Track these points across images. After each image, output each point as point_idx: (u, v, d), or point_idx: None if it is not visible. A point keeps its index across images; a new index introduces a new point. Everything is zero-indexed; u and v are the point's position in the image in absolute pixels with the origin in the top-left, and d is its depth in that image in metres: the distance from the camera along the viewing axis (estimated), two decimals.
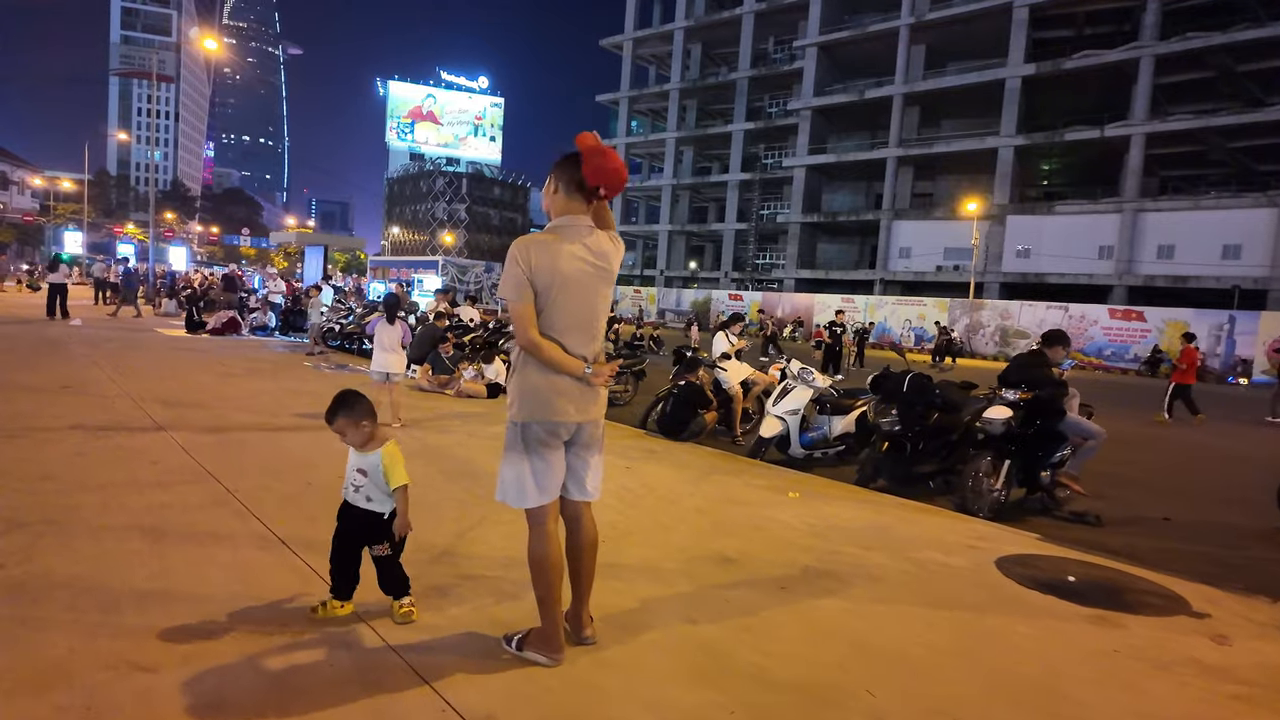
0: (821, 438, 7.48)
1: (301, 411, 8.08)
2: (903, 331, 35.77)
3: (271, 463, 5.74)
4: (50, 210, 73.65)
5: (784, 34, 55.61)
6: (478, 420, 8.40)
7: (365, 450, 3.18)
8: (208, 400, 8.41)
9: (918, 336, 34.61)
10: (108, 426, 6.59)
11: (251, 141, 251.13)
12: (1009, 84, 42.00)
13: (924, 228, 45.76)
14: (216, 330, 17.26)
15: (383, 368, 7.62)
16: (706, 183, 60.75)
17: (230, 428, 6.98)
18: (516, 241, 2.73)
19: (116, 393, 8.43)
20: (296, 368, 12.14)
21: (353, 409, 3.15)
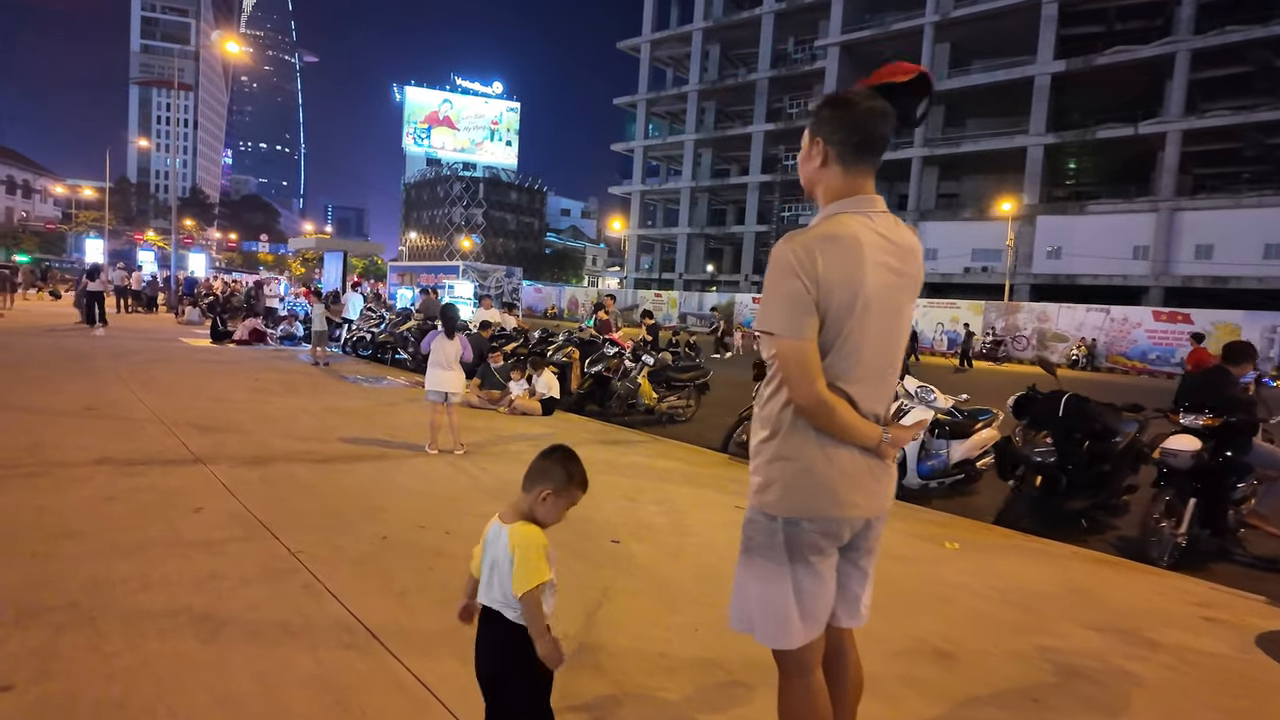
0: (941, 466, 6.52)
1: (350, 435, 7.19)
2: (935, 334, 34.65)
3: (332, 506, 4.83)
4: (72, 218, 73.50)
5: (804, 34, 54.56)
6: (546, 441, 7.41)
7: (507, 521, 2.10)
8: (245, 422, 7.53)
9: (950, 340, 33.48)
10: (139, 460, 5.71)
11: (269, 148, 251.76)
12: (1038, 81, 40.81)
13: (950, 229, 44.58)
14: (243, 340, 16.46)
15: (440, 386, 6.70)
16: (726, 185, 59.69)
17: (275, 457, 6.09)
18: (792, 239, 1.76)
19: (145, 415, 7.56)
20: (334, 382, 11.28)
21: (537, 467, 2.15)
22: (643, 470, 6.56)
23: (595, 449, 7.40)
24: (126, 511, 4.48)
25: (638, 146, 62.70)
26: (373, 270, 75.99)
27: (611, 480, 6.05)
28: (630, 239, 60.70)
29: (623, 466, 6.66)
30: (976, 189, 47.71)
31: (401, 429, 7.77)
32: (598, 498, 5.47)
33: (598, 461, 6.79)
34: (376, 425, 7.91)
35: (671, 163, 66.09)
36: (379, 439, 7.17)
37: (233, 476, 5.39)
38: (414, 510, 4.87)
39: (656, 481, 6.13)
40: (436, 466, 6.18)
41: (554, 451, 2.09)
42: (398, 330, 15.22)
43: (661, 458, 7.20)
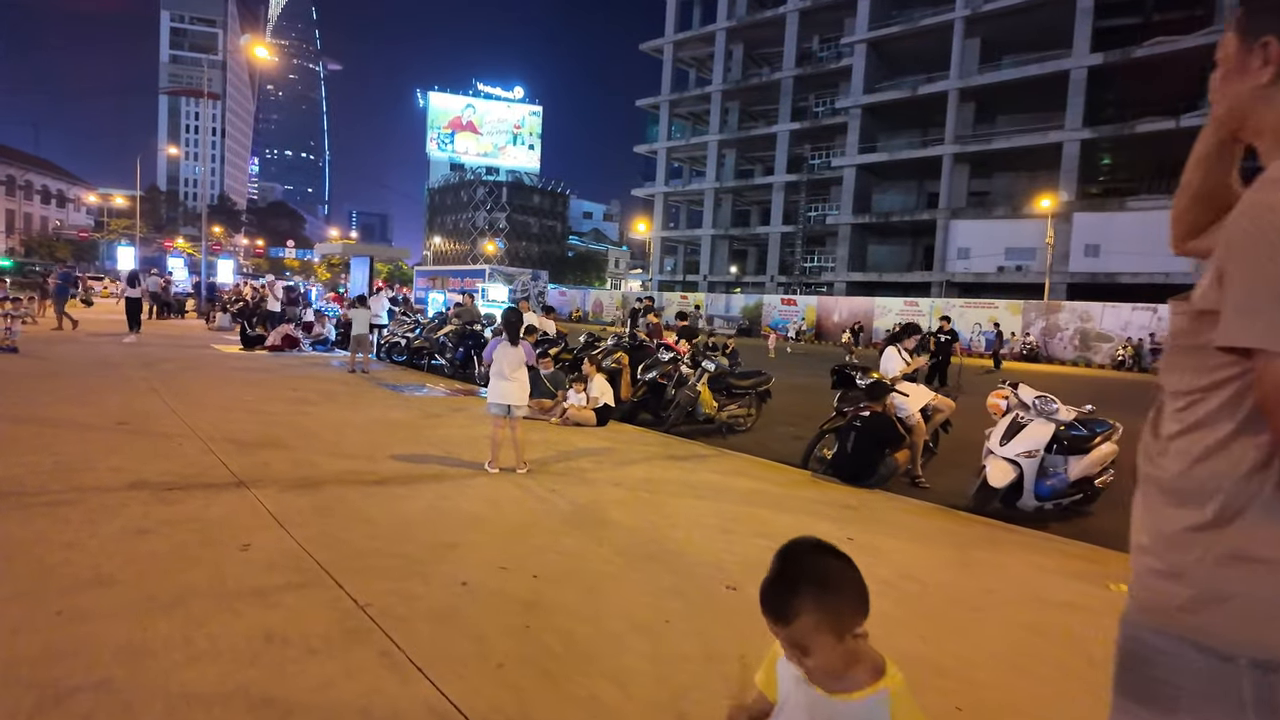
0: (1061, 486, 5.79)
1: (401, 452, 6.58)
2: (971, 335, 33.63)
3: (396, 542, 4.20)
4: (104, 226, 74.17)
5: (829, 32, 53.70)
6: (610, 460, 6.81)
7: (836, 689, 1.33)
8: (286, 438, 6.95)
9: (987, 341, 32.44)
10: (176, 483, 5.13)
11: (294, 156, 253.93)
12: (1074, 75, 39.66)
13: (983, 227, 43.46)
14: (275, 346, 16.00)
15: (503, 399, 6.06)
16: (750, 185, 58.88)
17: (324, 480, 5.48)
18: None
19: (180, 429, 7.01)
20: (374, 390, 10.71)
21: (836, 588, 1.34)
22: (723, 492, 5.89)
23: (662, 465, 6.74)
24: (164, 550, 3.88)
25: (661, 148, 62.09)
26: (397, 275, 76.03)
27: (694, 506, 5.38)
28: (654, 241, 60.04)
29: (699, 487, 5.99)
30: (1008, 186, 46.56)
31: (454, 443, 7.16)
32: (684, 527, 4.82)
33: (669, 481, 6.13)
34: (426, 439, 7.30)
35: (695, 164, 65.41)
36: (432, 456, 6.56)
37: (280, 504, 4.78)
38: (489, 546, 4.23)
39: (744, 505, 5.45)
40: (501, 489, 5.54)
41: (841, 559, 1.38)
42: (434, 335, 14.66)
43: (737, 475, 6.52)
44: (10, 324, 13.00)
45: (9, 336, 12.80)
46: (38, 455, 5.72)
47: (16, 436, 6.31)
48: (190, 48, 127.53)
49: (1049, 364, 30.39)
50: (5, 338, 12.75)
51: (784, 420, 10.41)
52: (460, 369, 13.60)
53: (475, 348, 13.38)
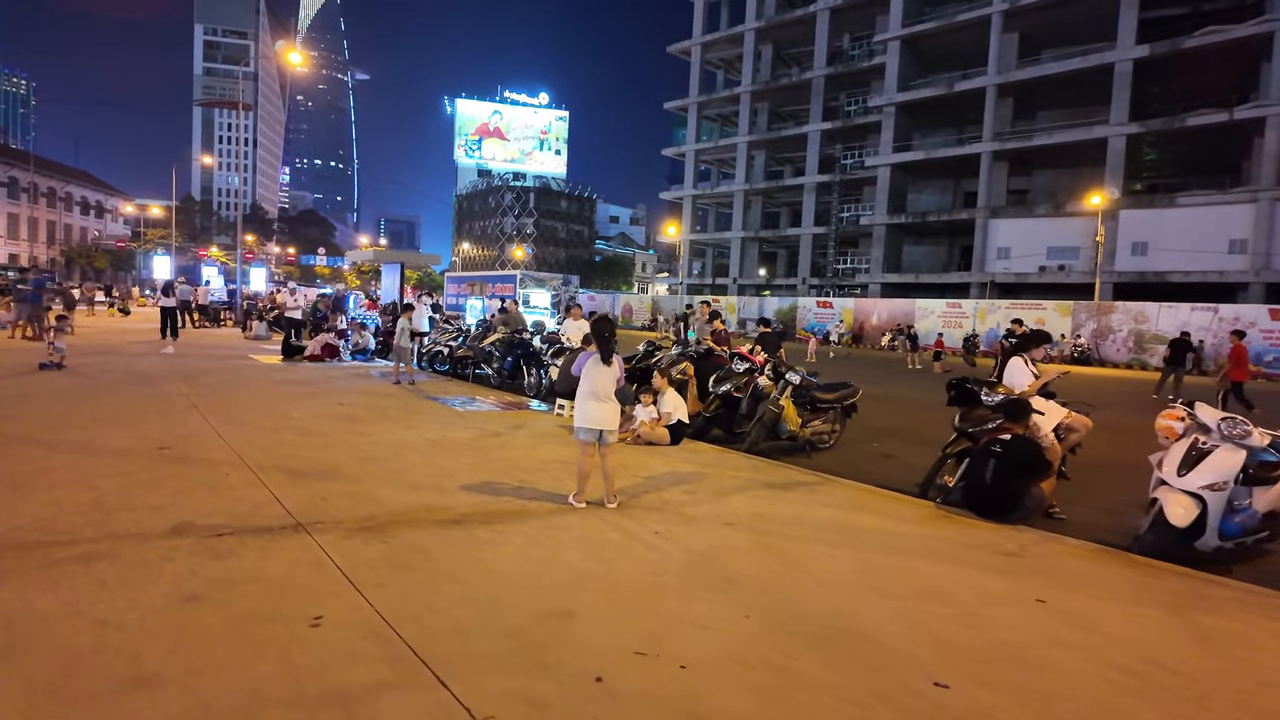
0: (1251, 522, 4.86)
1: (470, 481, 5.80)
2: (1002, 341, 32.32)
3: (498, 611, 3.39)
4: (141, 236, 74.85)
5: (860, 30, 52.56)
6: (703, 491, 5.97)
7: None
8: (342, 464, 6.22)
9: None
10: (225, 527, 4.39)
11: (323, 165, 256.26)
12: (1119, 68, 38.18)
13: (1024, 226, 42.04)
14: (315, 356, 15.38)
15: (594, 423, 5.24)
16: (780, 187, 57.78)
17: (392, 519, 4.72)
18: None
19: (225, 455, 6.30)
20: (424, 405, 9.98)
21: None
22: (851, 533, 5.03)
23: (764, 496, 5.89)
24: (218, 625, 3.12)
25: (689, 150, 61.24)
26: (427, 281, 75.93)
27: (829, 555, 4.53)
28: (683, 244, 59.17)
29: (822, 528, 5.14)
30: (1048, 184, 45.11)
31: (524, 468, 6.38)
32: (832, 585, 3.97)
33: (784, 520, 5.28)
34: (493, 464, 6.52)
35: (723, 166, 64.50)
36: (506, 486, 5.78)
37: (348, 554, 4.01)
38: (611, 615, 3.42)
39: (886, 554, 4.58)
40: (597, 530, 4.73)
41: None
42: (480, 344, 13.93)
43: (855, 509, 5.65)
44: (54, 338, 11.97)
45: (55, 352, 11.70)
46: (71, 491, 5.02)
47: (48, 467, 5.62)
48: (223, 60, 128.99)
49: (1100, 367, 29.07)
50: (51, 353, 11.70)
51: (863, 435, 9.52)
52: (509, 379, 12.86)
53: (525, 357, 12.65)
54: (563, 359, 11.50)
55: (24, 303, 17.28)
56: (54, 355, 11.60)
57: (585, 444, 5.30)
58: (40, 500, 4.77)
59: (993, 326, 33.55)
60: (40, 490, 5.01)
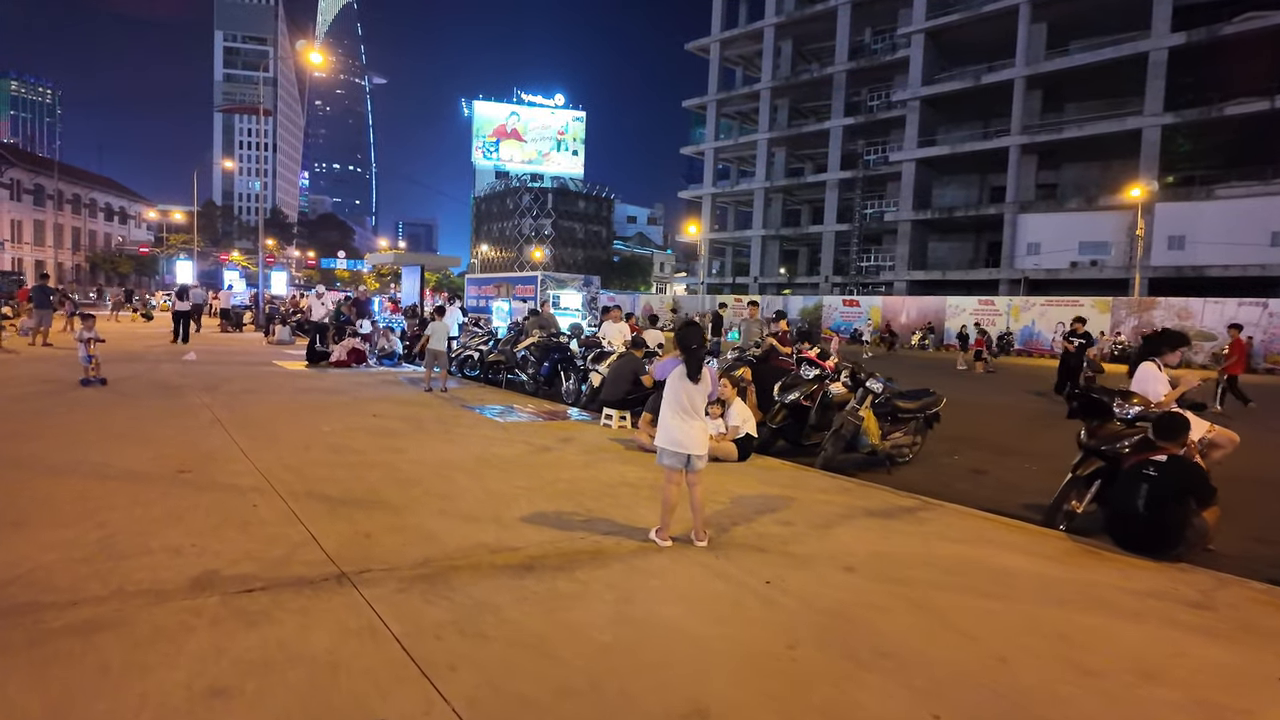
0: None
1: (530, 512, 5.03)
2: (1055, 336, 31.23)
3: (612, 709, 2.61)
4: (163, 241, 74.97)
5: (881, 24, 51.51)
6: (800, 520, 5.15)
7: None
8: (383, 488, 5.47)
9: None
10: (255, 578, 3.63)
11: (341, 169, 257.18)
12: (1153, 57, 36.91)
13: (1054, 220, 40.81)
14: (341, 362, 14.72)
15: (683, 445, 4.42)
16: (801, 184, 56.76)
17: (451, 563, 3.95)
18: None
19: (252, 478, 5.58)
20: (462, 415, 9.23)
21: None
22: (995, 579, 4.20)
23: (872, 528, 5.07)
24: None
25: (708, 149, 60.35)
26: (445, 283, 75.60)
27: (984, 610, 3.71)
28: (703, 243, 58.25)
29: (955, 570, 4.31)
30: (1077, 178, 43.84)
31: (586, 492, 5.60)
32: (1020, 663, 3.14)
33: (909, 560, 4.46)
34: (552, 488, 5.75)
35: (742, 164, 63.53)
36: (573, 516, 5.00)
37: (408, 618, 3.24)
38: (757, 713, 2.62)
39: (1053, 608, 3.75)
40: (695, 578, 3.94)
41: None
42: (513, 349, 13.19)
43: (980, 543, 4.82)
44: (91, 348, 10.48)
45: (93, 366, 10.43)
46: (78, 528, 4.29)
47: (55, 498, 4.91)
48: (243, 65, 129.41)
49: None
50: (91, 368, 10.41)
51: (936, 445, 8.66)
52: (545, 385, 12.10)
53: (562, 362, 11.90)
54: (605, 364, 10.76)
55: (44, 309, 16.79)
56: (94, 370, 10.43)
57: (670, 470, 4.50)
58: (42, 541, 4.04)
59: (1026, 324, 32.47)
60: (43, 528, 4.29)
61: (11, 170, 60.78)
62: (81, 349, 10.52)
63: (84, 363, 10.45)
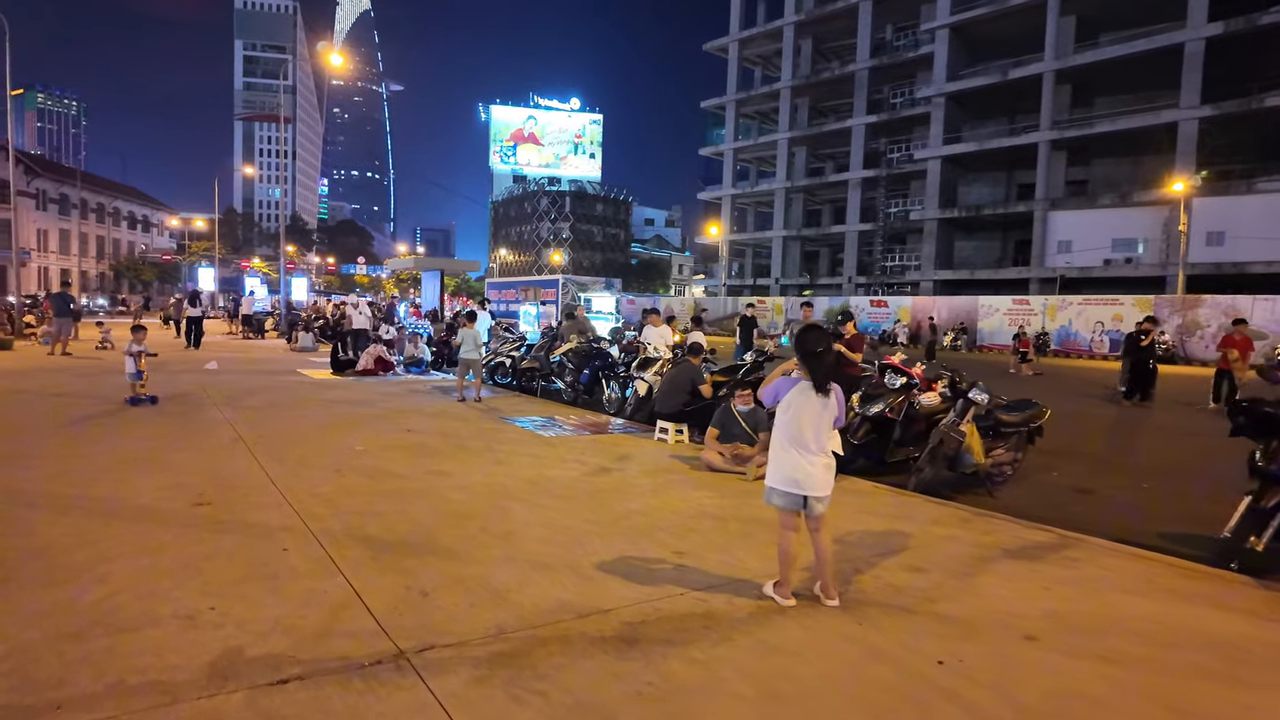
0: None
1: (610, 557, 4.19)
2: (1094, 335, 30.05)
3: None
4: (185, 249, 75.04)
5: (903, 20, 50.32)
6: (924, 557, 4.28)
7: None
8: (433, 525, 4.65)
9: (1112, 340, 28.81)
10: (289, 660, 2.82)
11: (360, 176, 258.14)
12: (1189, 48, 35.61)
13: (1086, 218, 39.54)
14: (367, 370, 13.98)
15: (798, 485, 3.55)
16: (822, 183, 55.68)
17: (534, 637, 3.11)
18: None
19: (281, 514, 4.78)
20: (503, 429, 8.42)
21: None
22: (1221, 652, 3.31)
23: (1023, 576, 4.19)
24: None
25: (728, 149, 59.39)
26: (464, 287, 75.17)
27: (1243, 707, 2.83)
28: (723, 244, 57.32)
29: (1162, 639, 3.42)
30: (1108, 174, 42.48)
31: (666, 529, 4.76)
32: None
33: (1093, 625, 3.57)
34: (626, 521, 4.91)
35: (762, 164, 62.48)
36: (658, 561, 4.15)
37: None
38: None
39: None
40: (841, 655, 3.07)
41: None
42: (548, 355, 12.39)
43: (1163, 595, 3.92)
44: (141, 362, 9.36)
45: (143, 382, 9.39)
46: (73, 586, 3.50)
47: (48, 542, 4.13)
48: (262, 74, 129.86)
49: (1187, 365, 26.69)
50: (141, 385, 9.37)
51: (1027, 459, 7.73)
52: (585, 394, 11.28)
53: (603, 369, 11.07)
54: (651, 371, 9.93)
55: (63, 318, 16.21)
56: (143, 387, 9.39)
57: (785, 513, 3.64)
58: (26, 608, 3.25)
59: (1063, 324, 31.27)
60: (30, 586, 3.50)
61: (38, 180, 60.89)
62: (130, 363, 9.36)
63: (132, 379, 9.34)
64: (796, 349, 3.69)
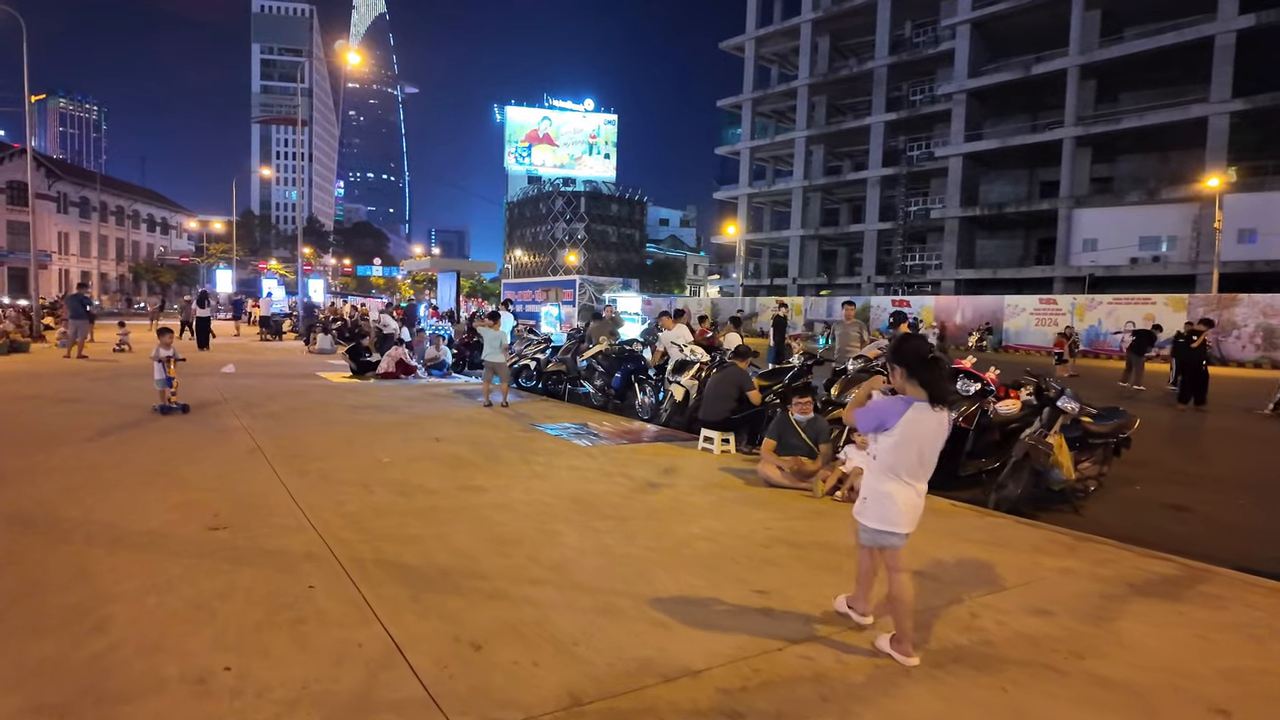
0: None
1: (681, 593, 3.61)
2: (1125, 335, 29.11)
3: None
4: (204, 251, 75.19)
5: (923, 16, 49.40)
6: (1046, 596, 3.67)
7: None
8: (476, 552, 4.09)
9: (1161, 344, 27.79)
10: None
11: (375, 178, 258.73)
12: (1219, 41, 34.58)
13: (1112, 215, 38.54)
14: (389, 374, 13.48)
15: (909, 525, 2.99)
16: (841, 182, 54.85)
17: (614, 709, 2.54)
18: None
19: (305, 541, 4.24)
20: (536, 438, 7.86)
21: None
22: None
23: (1162, 619, 3.57)
24: None
25: (744, 148, 58.65)
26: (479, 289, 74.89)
27: None
28: (740, 244, 56.60)
29: None
30: (1134, 170, 41.44)
31: (736, 558, 4.17)
32: None
33: (1275, 684, 2.97)
34: (689, 549, 4.33)
35: (778, 163, 61.70)
36: (743, 602, 3.56)
37: None
38: None
39: None
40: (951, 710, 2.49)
41: None
42: (576, 358, 11.83)
43: None
44: (171, 368, 8.69)
45: (171, 389, 8.75)
46: (63, 636, 2.96)
47: (42, 577, 3.59)
48: (279, 77, 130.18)
49: (1224, 366, 25.80)
50: (171, 392, 8.75)
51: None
52: (615, 399, 10.70)
53: (635, 372, 10.49)
54: (687, 375, 9.35)
55: (79, 320, 15.83)
56: (173, 396, 8.77)
57: (889, 550, 3.05)
58: (4, 671, 2.71)
59: (1092, 324, 30.38)
60: (18, 636, 2.96)
61: (59, 183, 61.11)
62: (158, 369, 8.68)
63: (161, 386, 8.70)
64: (901, 360, 3.09)
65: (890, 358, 3.20)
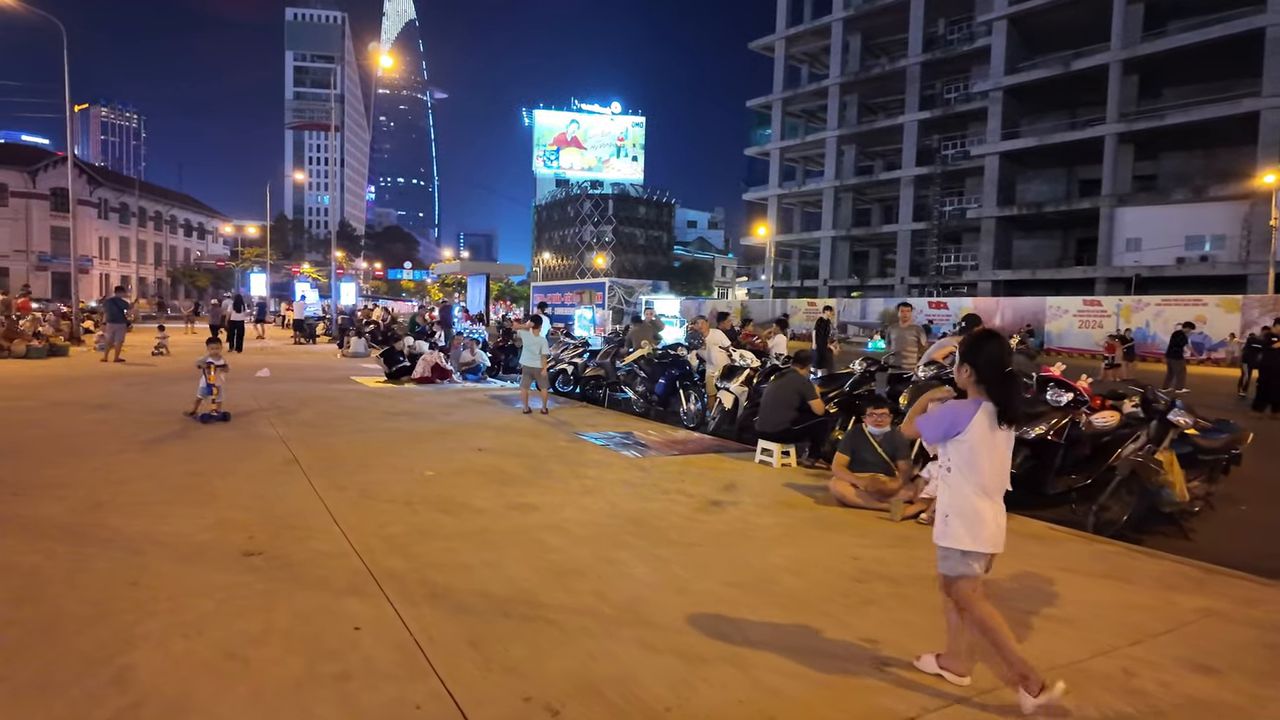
0: None
1: (770, 640, 3.12)
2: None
3: None
4: (238, 255, 76.16)
5: (956, 13, 48.33)
6: (1201, 646, 3.12)
7: None
8: (537, 587, 3.64)
9: (1197, 345, 26.77)
10: None
11: (405, 183, 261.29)
12: (1270, 34, 33.22)
13: (1156, 214, 37.22)
14: (424, 379, 13.15)
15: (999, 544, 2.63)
16: (873, 182, 53.89)
17: None
18: None
19: (347, 569, 3.82)
20: (581, 450, 7.41)
21: None
22: None
23: None
24: None
25: (774, 149, 57.90)
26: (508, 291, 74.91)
27: None
28: (770, 245, 55.85)
29: None
30: (1178, 168, 40.01)
31: (835, 599, 3.68)
32: None
33: None
34: (774, 586, 3.84)
35: (808, 164, 60.85)
36: (849, 655, 3.07)
37: None
38: None
39: None
40: None
41: None
42: (616, 362, 11.38)
43: None
44: (212, 375, 8.28)
45: (214, 397, 8.35)
46: (77, 691, 2.56)
47: (61, 612, 3.20)
48: (312, 83, 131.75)
49: None
50: (212, 400, 8.35)
51: None
52: (659, 405, 10.23)
53: (681, 378, 10.01)
54: (737, 381, 8.85)
55: (116, 323, 15.73)
56: (215, 404, 8.37)
57: (964, 581, 2.60)
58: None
59: (1139, 326, 29.27)
60: (26, 692, 2.57)
61: (100, 190, 62.24)
62: (201, 378, 8.37)
63: (202, 394, 8.35)
64: (975, 367, 2.63)
65: (963, 356, 2.73)
